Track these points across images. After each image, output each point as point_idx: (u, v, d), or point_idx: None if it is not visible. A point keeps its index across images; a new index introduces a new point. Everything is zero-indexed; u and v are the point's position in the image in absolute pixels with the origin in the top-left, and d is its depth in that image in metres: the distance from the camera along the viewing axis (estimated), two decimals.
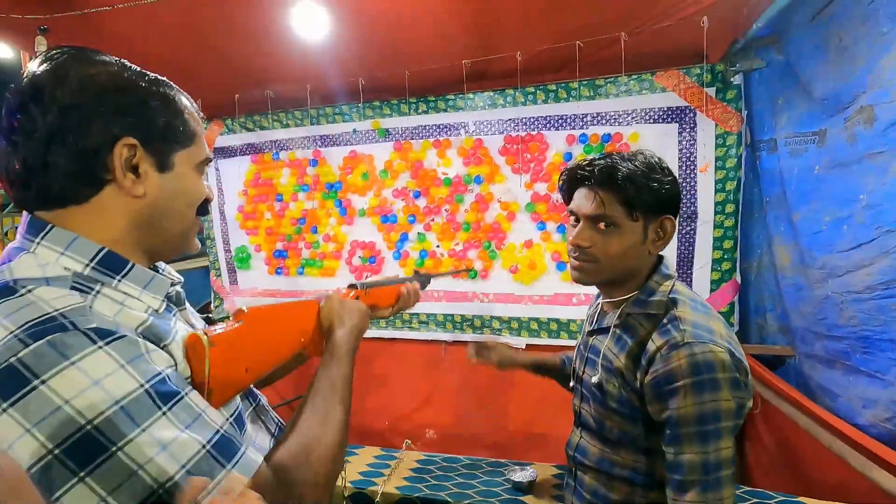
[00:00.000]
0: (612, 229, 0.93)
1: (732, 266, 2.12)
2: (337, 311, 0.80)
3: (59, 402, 0.47)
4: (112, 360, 0.50)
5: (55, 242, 0.57)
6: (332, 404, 0.68)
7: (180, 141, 0.64)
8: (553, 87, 2.27)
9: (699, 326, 0.88)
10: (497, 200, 2.43)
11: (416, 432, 2.57)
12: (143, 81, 0.62)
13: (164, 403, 0.51)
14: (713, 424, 0.83)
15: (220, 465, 0.53)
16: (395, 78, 2.29)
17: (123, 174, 0.59)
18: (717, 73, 2.05)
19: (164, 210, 0.63)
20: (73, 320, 0.50)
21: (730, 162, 2.07)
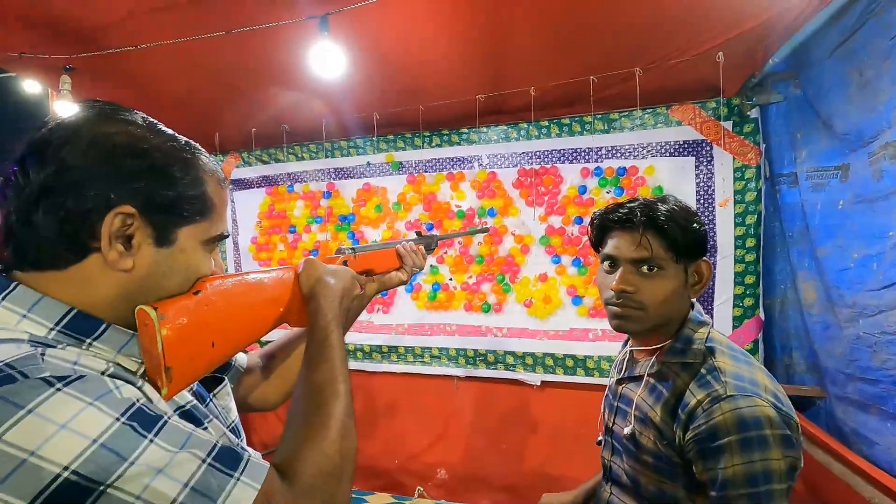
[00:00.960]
0: (656, 272, 0.89)
1: (755, 302, 2.06)
2: (317, 274, 0.72)
3: (24, 456, 0.41)
4: (76, 400, 0.44)
5: (17, 303, 0.52)
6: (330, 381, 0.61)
7: (190, 215, 0.59)
8: (567, 121, 2.27)
9: (741, 378, 0.83)
10: (511, 233, 2.41)
11: (426, 472, 2.49)
12: (165, 147, 0.57)
13: (149, 431, 0.46)
14: (764, 486, 0.76)
15: (228, 476, 0.48)
16: (409, 112, 2.31)
17: (110, 245, 0.53)
18: (733, 106, 2.03)
19: (156, 286, 0.57)
20: (21, 370, 0.45)
21: (749, 195, 2.03)
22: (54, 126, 0.54)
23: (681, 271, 0.90)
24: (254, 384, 0.86)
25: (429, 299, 2.54)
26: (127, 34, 1.70)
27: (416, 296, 2.58)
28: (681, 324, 0.93)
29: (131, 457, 0.44)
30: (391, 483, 2.54)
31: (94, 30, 1.68)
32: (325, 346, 0.64)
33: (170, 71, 1.91)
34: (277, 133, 2.61)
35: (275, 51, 1.84)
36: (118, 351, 0.55)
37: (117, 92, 2.17)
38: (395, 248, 0.98)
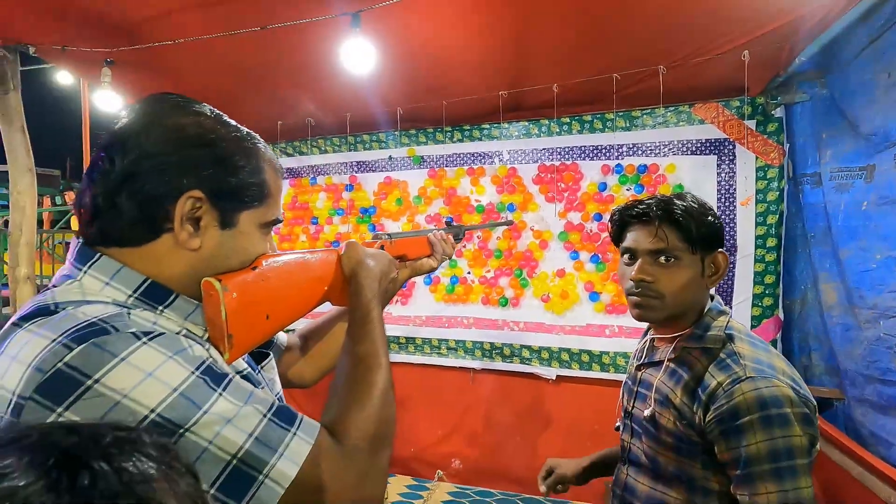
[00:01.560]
0: (673, 263, 0.93)
1: (774, 302, 2.06)
2: (358, 256, 0.76)
3: (118, 398, 0.47)
4: (160, 354, 0.50)
5: (101, 272, 0.58)
6: (373, 353, 0.65)
7: (250, 201, 0.63)
8: (588, 118, 2.28)
9: (760, 362, 0.86)
10: (530, 229, 2.43)
11: (442, 462, 2.53)
12: (230, 138, 0.62)
13: (218, 385, 0.52)
14: (787, 461, 0.79)
15: (285, 430, 0.53)
16: (432, 107, 2.35)
17: (181, 226, 0.58)
18: (757, 105, 2.03)
19: (219, 265, 0.62)
20: (113, 324, 0.50)
21: (771, 195, 2.03)
22: (134, 116, 0.60)
23: (697, 262, 0.93)
24: (292, 362, 0.91)
25: (447, 292, 2.59)
26: (164, 29, 1.76)
27: (434, 288, 2.62)
28: (700, 313, 0.96)
29: (204, 406, 0.50)
30: (406, 471, 2.59)
31: (133, 24, 1.75)
32: (367, 322, 0.69)
33: (203, 65, 1.98)
34: (302, 126, 2.67)
35: (304, 47, 1.89)
36: (185, 318, 0.61)
37: (153, 84, 2.25)
38: (426, 236, 1.02)
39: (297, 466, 0.52)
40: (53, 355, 0.47)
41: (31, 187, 2.29)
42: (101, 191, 0.58)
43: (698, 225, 0.92)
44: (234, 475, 0.49)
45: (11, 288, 2.29)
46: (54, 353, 0.48)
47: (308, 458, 0.53)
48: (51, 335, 0.49)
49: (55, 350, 0.48)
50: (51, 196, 7.71)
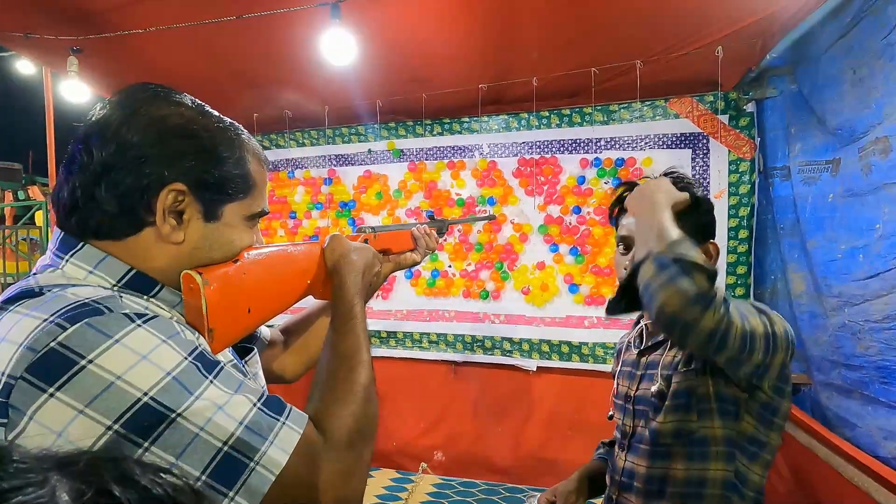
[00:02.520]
0: None
1: (746, 292, 2.12)
2: (341, 250, 0.75)
3: (111, 379, 0.46)
4: (154, 336, 0.50)
5: (84, 260, 0.56)
6: (355, 348, 0.65)
7: (234, 192, 0.62)
8: (567, 112, 2.31)
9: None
10: (510, 222, 2.45)
11: (425, 454, 2.54)
12: (213, 129, 0.61)
13: (209, 372, 0.52)
14: (769, 312, 0.83)
15: (275, 419, 0.53)
16: (412, 100, 2.33)
17: (164, 219, 0.57)
18: (730, 100, 2.08)
19: (203, 258, 0.61)
20: (107, 305, 0.50)
21: (743, 188, 2.09)
22: (113, 106, 0.58)
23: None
24: (274, 356, 0.90)
25: (428, 286, 2.59)
26: (135, 17, 1.70)
27: (415, 282, 2.62)
28: None
29: (196, 391, 0.49)
30: (390, 464, 2.59)
31: (102, 12, 1.69)
32: (350, 318, 0.68)
33: (176, 54, 1.92)
34: (280, 118, 2.62)
35: (281, 37, 1.85)
36: (172, 308, 0.60)
37: (122, 74, 2.17)
38: (410, 230, 1.02)
39: (286, 454, 0.52)
40: (46, 335, 0.46)
41: None
42: (79, 183, 0.56)
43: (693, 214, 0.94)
44: (226, 462, 0.49)
45: None
46: (47, 332, 0.46)
47: (296, 447, 0.53)
48: (42, 315, 0.48)
49: (48, 329, 0.46)
50: (13, 191, 7.39)
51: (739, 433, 0.89)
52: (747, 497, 0.90)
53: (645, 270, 0.81)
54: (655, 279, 0.78)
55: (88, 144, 0.56)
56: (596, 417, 1.34)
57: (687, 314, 0.75)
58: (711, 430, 0.90)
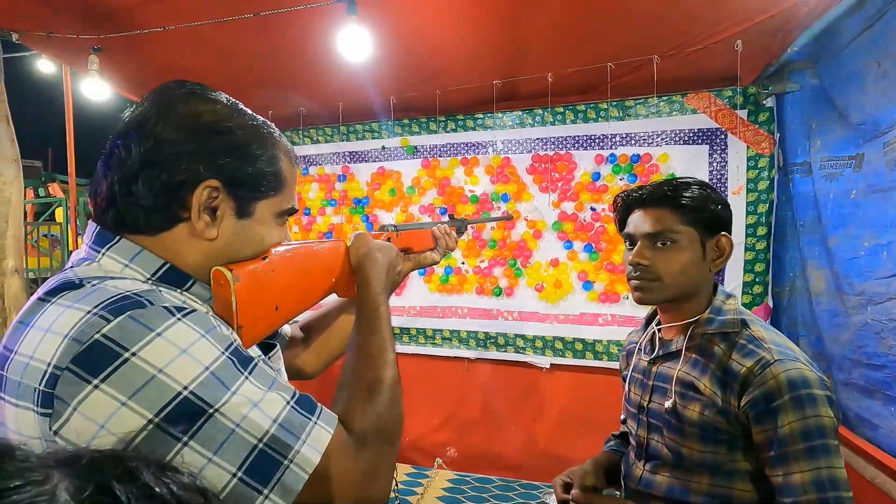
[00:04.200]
0: (670, 245, 0.94)
1: (764, 290, 2.09)
2: (366, 248, 0.76)
3: (153, 372, 0.47)
4: (193, 331, 0.50)
5: (120, 254, 0.57)
6: (380, 343, 0.66)
7: (266, 190, 0.62)
8: (582, 108, 2.29)
9: (781, 346, 0.87)
10: (524, 219, 2.44)
11: (438, 450, 2.55)
12: (247, 126, 0.61)
13: (244, 368, 0.52)
14: (819, 440, 0.81)
15: (307, 418, 0.53)
16: (426, 96, 2.33)
17: (199, 215, 0.58)
18: (749, 95, 2.05)
19: (234, 254, 0.61)
20: (148, 298, 0.51)
21: (762, 184, 2.05)
22: (150, 103, 0.59)
23: (696, 245, 0.94)
24: (296, 353, 0.91)
25: (441, 282, 2.59)
26: (154, 15, 1.73)
27: (428, 279, 2.63)
28: (709, 298, 0.97)
29: (233, 387, 0.50)
30: (403, 459, 2.61)
31: (122, 10, 1.71)
32: (376, 318, 0.69)
33: (193, 52, 1.94)
34: (294, 115, 2.64)
35: (297, 34, 1.86)
36: (204, 302, 0.61)
37: (143, 72, 2.20)
38: (431, 229, 1.02)
39: (319, 454, 0.52)
40: (91, 326, 0.47)
41: (18, 178, 2.24)
42: (117, 178, 0.58)
43: (698, 208, 0.93)
44: (261, 459, 0.49)
45: None
46: (91, 324, 0.47)
47: (328, 447, 0.53)
48: (85, 307, 0.49)
49: (92, 321, 0.47)
50: (33, 188, 7.55)
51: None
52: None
53: None
54: None
55: (127, 140, 0.58)
56: (609, 415, 1.32)
57: None
58: (742, 464, 0.89)
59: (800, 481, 0.81)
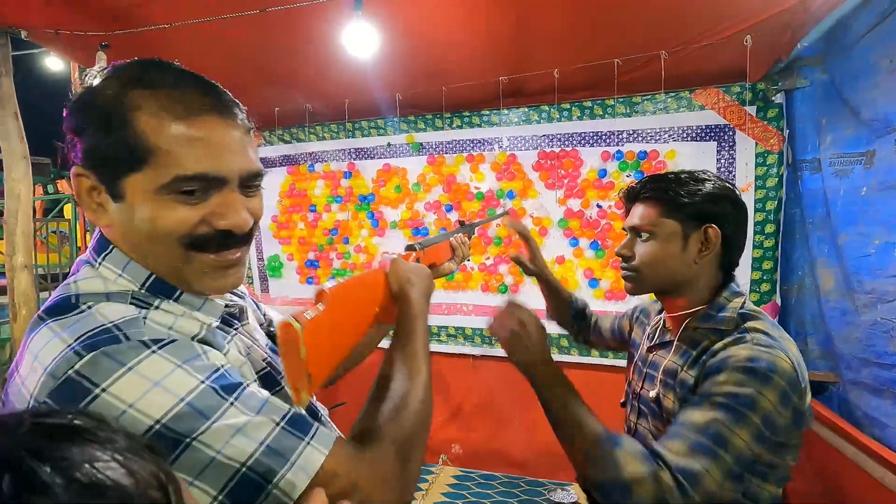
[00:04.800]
0: (648, 238, 0.96)
1: (772, 288, 2.08)
2: (405, 274, 0.76)
3: (123, 407, 0.46)
4: (168, 362, 0.49)
5: (113, 264, 0.58)
6: (416, 364, 0.66)
7: (128, 164, 0.53)
8: (589, 104, 2.28)
9: (772, 338, 0.86)
10: (529, 216, 2.43)
11: (443, 447, 2.56)
12: (102, 92, 0.54)
13: (229, 395, 0.50)
14: (743, 409, 0.78)
15: (299, 438, 0.52)
16: (431, 93, 2.33)
17: (86, 205, 0.56)
18: (758, 91, 2.03)
19: (136, 243, 0.57)
20: (125, 332, 0.50)
21: (770, 181, 2.04)
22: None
23: (676, 238, 0.94)
24: None
25: (446, 279, 2.59)
26: (160, 12, 1.73)
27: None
28: (713, 293, 0.96)
29: (213, 416, 0.49)
30: None
31: (129, 7, 1.72)
32: (414, 340, 0.69)
33: (199, 49, 1.94)
34: (300, 112, 2.64)
35: (303, 30, 1.86)
36: (197, 310, 0.60)
37: None
38: (449, 240, 1.03)
39: (308, 477, 0.51)
40: (66, 362, 0.48)
41: (27, 175, 2.26)
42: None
43: (679, 201, 0.93)
44: (243, 483, 0.48)
45: (8, 277, 2.27)
46: (66, 359, 0.48)
47: (321, 468, 0.52)
48: (67, 339, 0.49)
49: (67, 357, 0.48)
50: (42, 185, 7.60)
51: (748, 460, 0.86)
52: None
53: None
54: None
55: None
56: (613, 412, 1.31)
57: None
58: None
59: (693, 418, 0.80)
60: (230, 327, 0.65)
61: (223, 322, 0.64)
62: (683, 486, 0.77)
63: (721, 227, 0.94)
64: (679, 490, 0.77)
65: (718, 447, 0.78)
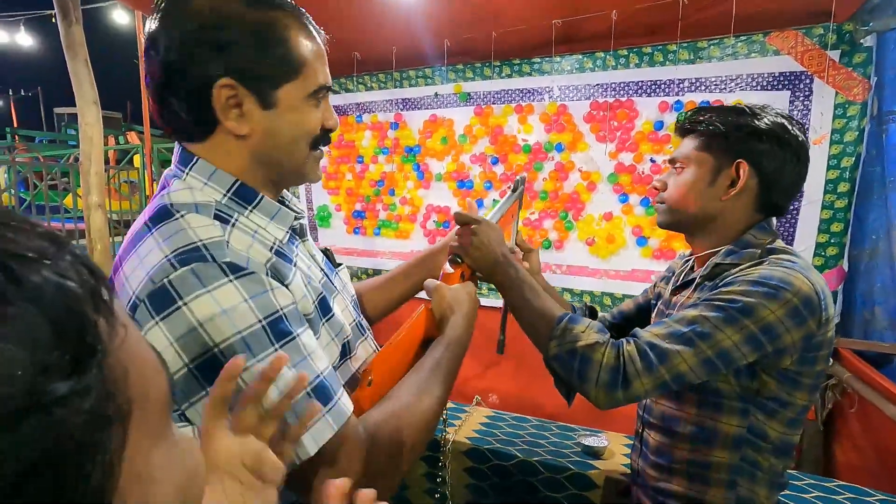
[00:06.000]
0: (679, 170, 0.95)
1: (840, 252, 1.93)
2: (447, 302, 0.80)
3: (195, 324, 0.52)
4: (238, 294, 0.54)
5: (200, 173, 0.63)
6: (432, 381, 0.69)
7: (283, 74, 0.61)
8: (649, 50, 2.13)
9: (795, 263, 0.83)
10: (578, 170, 2.36)
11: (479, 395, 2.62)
12: (246, 13, 0.59)
13: (277, 341, 0.55)
14: (738, 314, 0.78)
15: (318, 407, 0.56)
16: (480, 39, 2.25)
17: (225, 115, 0.60)
18: (843, 33, 1.82)
19: (273, 146, 0.63)
20: (212, 252, 0.55)
21: (849, 135, 1.85)
22: (157, 17, 0.60)
23: (705, 171, 0.91)
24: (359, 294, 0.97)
25: None
26: None
27: None
28: (741, 232, 0.92)
29: (258, 355, 0.54)
30: None
31: None
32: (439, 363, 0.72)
33: None
34: (349, 61, 2.64)
35: None
36: (271, 219, 0.65)
37: None
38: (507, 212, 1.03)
39: (317, 446, 0.55)
40: (162, 271, 0.54)
41: (98, 120, 2.41)
42: (156, 96, 0.62)
43: (712, 133, 0.90)
44: None
45: (85, 215, 2.47)
46: (163, 268, 0.54)
47: (329, 441, 0.56)
48: (165, 250, 0.55)
49: (164, 266, 0.54)
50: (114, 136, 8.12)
51: (755, 391, 0.84)
52: (764, 450, 0.86)
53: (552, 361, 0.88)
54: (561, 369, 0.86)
55: (149, 58, 0.60)
56: None
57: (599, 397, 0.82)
58: (724, 385, 0.86)
59: (682, 314, 0.82)
60: (296, 237, 0.71)
61: (293, 231, 0.70)
62: (648, 357, 0.78)
63: (758, 165, 0.88)
64: (643, 360, 0.78)
65: (699, 339, 0.78)
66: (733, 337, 0.77)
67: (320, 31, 0.67)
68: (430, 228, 2.75)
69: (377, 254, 2.93)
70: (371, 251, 2.95)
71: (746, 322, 0.77)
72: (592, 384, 0.80)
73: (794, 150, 0.88)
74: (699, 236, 0.96)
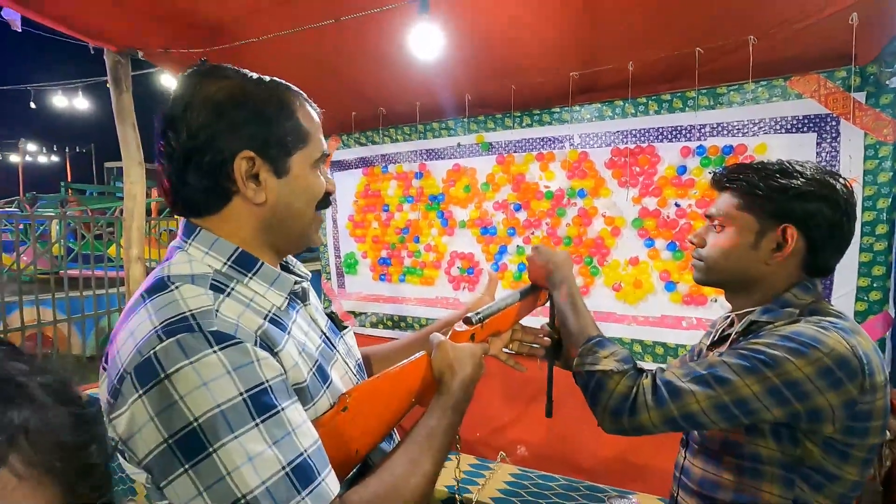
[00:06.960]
0: (720, 229, 0.93)
1: (884, 297, 1.83)
2: (449, 361, 0.76)
3: (176, 397, 0.52)
4: (221, 365, 0.54)
5: (202, 243, 0.66)
6: (425, 454, 0.67)
7: (294, 144, 0.67)
8: (667, 97, 2.15)
9: (837, 325, 0.79)
10: (601, 215, 2.35)
11: (506, 447, 2.53)
12: (257, 93, 0.66)
13: (259, 415, 0.54)
14: (760, 365, 0.75)
15: (296, 492, 0.54)
16: (500, 92, 2.32)
17: (245, 185, 0.65)
18: (867, 75, 1.80)
19: (285, 212, 0.68)
20: (199, 322, 0.56)
21: (882, 176, 1.80)
22: (175, 97, 0.65)
23: (749, 233, 0.89)
24: None
25: (514, 279, 2.57)
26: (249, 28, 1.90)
27: (501, 275, 2.61)
28: (783, 290, 0.89)
29: (237, 431, 0.53)
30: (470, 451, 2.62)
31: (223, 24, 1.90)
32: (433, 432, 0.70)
33: (283, 59, 2.10)
34: (375, 116, 2.75)
35: (375, 36, 1.95)
36: (270, 285, 0.67)
37: None
38: (515, 305, 0.99)
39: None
40: (149, 343, 0.55)
41: (142, 178, 2.58)
42: (171, 171, 0.66)
43: (757, 195, 0.88)
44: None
45: (126, 267, 2.60)
46: (150, 341, 0.55)
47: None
48: (155, 322, 0.57)
49: (152, 338, 0.55)
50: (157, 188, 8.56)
51: (798, 459, 0.79)
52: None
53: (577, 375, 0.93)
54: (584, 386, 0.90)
55: (167, 137, 0.65)
56: None
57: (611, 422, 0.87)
58: (764, 450, 0.82)
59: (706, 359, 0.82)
60: (297, 302, 0.72)
61: (294, 295, 0.71)
62: (660, 392, 0.78)
63: (805, 229, 0.85)
64: (654, 394, 0.79)
65: (715, 382, 0.77)
66: (753, 387, 0.75)
67: (315, 106, 0.74)
68: (454, 275, 2.77)
69: (402, 300, 2.95)
70: (396, 297, 2.97)
71: (768, 374, 0.75)
72: (601, 408, 0.85)
73: (843, 209, 0.86)
74: (740, 295, 0.94)
